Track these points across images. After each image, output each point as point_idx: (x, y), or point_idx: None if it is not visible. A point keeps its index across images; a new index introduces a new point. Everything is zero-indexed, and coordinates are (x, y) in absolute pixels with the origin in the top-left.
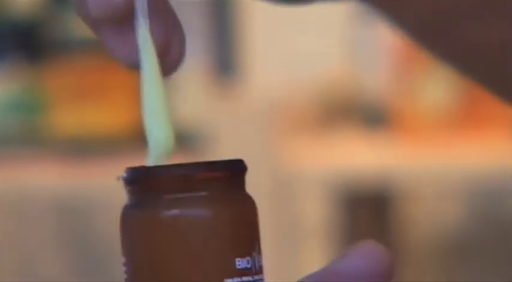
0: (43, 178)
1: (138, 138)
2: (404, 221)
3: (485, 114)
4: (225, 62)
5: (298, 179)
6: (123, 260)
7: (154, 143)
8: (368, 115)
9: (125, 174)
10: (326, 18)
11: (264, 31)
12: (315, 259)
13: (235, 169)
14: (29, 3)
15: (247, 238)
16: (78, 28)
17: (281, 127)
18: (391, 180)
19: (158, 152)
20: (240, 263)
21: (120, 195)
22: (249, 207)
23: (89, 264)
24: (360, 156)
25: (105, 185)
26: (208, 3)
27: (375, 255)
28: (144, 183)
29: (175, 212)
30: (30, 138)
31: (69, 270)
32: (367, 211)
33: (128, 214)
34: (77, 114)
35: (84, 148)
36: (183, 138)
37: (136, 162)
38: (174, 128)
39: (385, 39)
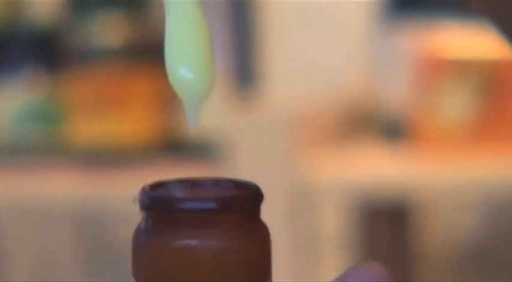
0: (62, 188)
1: (157, 148)
2: (423, 232)
3: (503, 127)
4: (245, 72)
5: (317, 190)
6: (132, 279)
7: (185, 86)
8: (388, 127)
9: (139, 197)
10: (347, 29)
11: (284, 42)
12: (334, 271)
13: (251, 200)
14: (48, 11)
15: (259, 270)
16: (98, 37)
17: (300, 138)
18: (410, 192)
19: (191, 97)
20: None
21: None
22: (262, 238)
23: (105, 274)
24: (379, 168)
25: (124, 196)
26: (228, 13)
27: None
28: (157, 212)
29: (187, 243)
30: (49, 148)
31: (86, 280)
32: (386, 223)
33: (140, 237)
34: (97, 124)
35: (103, 158)
36: (202, 149)
37: (155, 172)
38: (211, 67)
39: (405, 51)
